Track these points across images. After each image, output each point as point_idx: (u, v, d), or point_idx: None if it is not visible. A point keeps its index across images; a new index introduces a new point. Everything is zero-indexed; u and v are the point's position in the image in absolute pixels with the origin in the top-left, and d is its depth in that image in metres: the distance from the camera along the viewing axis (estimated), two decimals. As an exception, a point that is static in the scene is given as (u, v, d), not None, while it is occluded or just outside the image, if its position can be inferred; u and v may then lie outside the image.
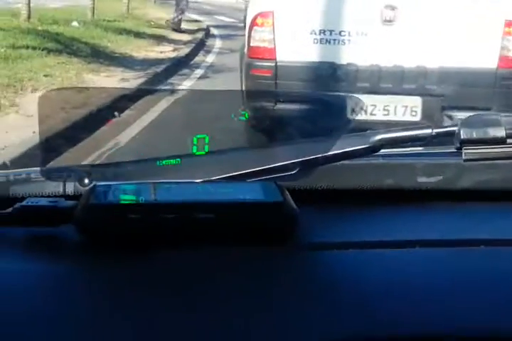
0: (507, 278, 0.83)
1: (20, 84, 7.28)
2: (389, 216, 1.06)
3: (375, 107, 4.49)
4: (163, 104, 3.44)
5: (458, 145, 0.97)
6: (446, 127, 1.01)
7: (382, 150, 1.05)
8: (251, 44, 4.69)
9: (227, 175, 0.98)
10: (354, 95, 3.83)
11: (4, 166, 4.54)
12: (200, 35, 15.57)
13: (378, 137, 1.02)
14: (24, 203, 0.93)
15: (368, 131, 1.03)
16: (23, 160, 4.82)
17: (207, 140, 0.96)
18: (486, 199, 1.11)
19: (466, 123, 0.98)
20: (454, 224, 1.01)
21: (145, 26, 15.62)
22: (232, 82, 9.01)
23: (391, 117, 4.42)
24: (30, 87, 7.28)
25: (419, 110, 4.51)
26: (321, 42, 4.61)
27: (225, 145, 0.99)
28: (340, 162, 1.04)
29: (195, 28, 17.39)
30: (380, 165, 1.16)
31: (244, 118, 0.97)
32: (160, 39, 14.09)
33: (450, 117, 4.44)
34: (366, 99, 4.40)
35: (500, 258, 0.90)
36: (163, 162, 0.98)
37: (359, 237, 0.95)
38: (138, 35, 13.81)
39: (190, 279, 0.81)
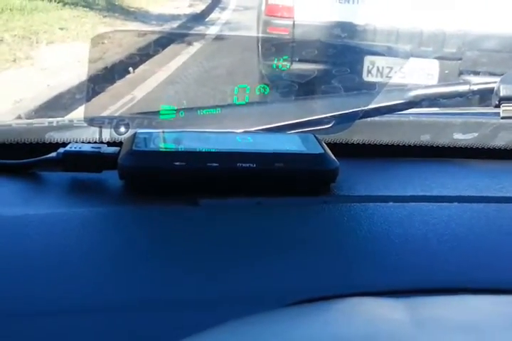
0: None
1: (35, 37, 7.25)
2: (426, 171, 1.05)
3: (391, 69, 4.34)
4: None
5: (496, 102, 0.98)
6: (485, 83, 1.01)
7: (419, 109, 1.05)
8: (269, 1, 4.65)
9: (266, 126, 0.99)
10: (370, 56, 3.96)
11: (19, 119, 4.56)
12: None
13: (416, 92, 1.02)
14: (67, 148, 0.93)
15: (406, 87, 1.04)
16: (38, 112, 4.83)
17: (248, 90, 0.96)
18: None
19: (505, 79, 0.98)
20: (491, 182, 1.00)
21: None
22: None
23: (407, 80, 4.08)
24: (45, 40, 7.25)
25: (435, 73, 4.47)
26: (339, 2, 4.55)
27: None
28: (378, 117, 1.04)
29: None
30: (417, 122, 1.16)
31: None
32: (176, -6, 13.94)
33: (468, 83, 4.17)
34: (382, 61, 4.19)
35: None
36: (204, 111, 0.98)
37: (396, 191, 0.95)
38: (154, -11, 13.67)
39: (231, 227, 0.82)
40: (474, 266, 0.76)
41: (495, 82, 0.99)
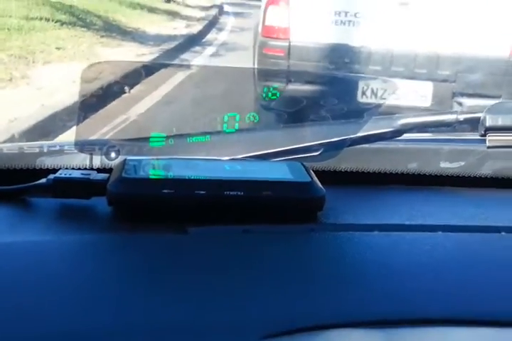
0: None
1: (32, 56, 7.28)
2: (412, 199, 1.06)
3: (385, 91, 4.31)
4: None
5: (482, 131, 0.98)
6: (471, 113, 1.02)
7: (407, 135, 1.06)
8: (265, 23, 4.66)
9: (254, 153, 1.00)
10: (365, 77, 4.23)
11: (13, 139, 4.56)
12: (213, 12, 15.49)
13: (404, 121, 1.03)
14: (57, 174, 0.94)
15: (394, 115, 1.04)
16: (32, 132, 4.83)
17: (238, 118, 0.98)
18: (508, 187, 1.12)
19: (491, 110, 0.99)
20: (477, 211, 1.01)
21: (158, 1, 15.56)
22: (244, 60, 9.00)
23: (401, 102, 4.30)
24: (42, 60, 7.27)
25: (429, 95, 4.53)
26: (335, 24, 4.57)
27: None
28: (366, 145, 1.05)
29: (209, 4, 17.30)
30: (405, 149, 1.17)
31: (275, 97, 0.98)
32: (173, 15, 14.04)
33: (460, 104, 4.46)
34: (377, 83, 4.29)
35: None
36: (193, 139, 0.99)
37: (383, 220, 0.96)
38: (151, 10, 13.76)
39: (218, 255, 0.82)
40: (457, 297, 0.76)
41: (481, 112, 1.00)
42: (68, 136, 4.54)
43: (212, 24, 13.40)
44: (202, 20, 13.49)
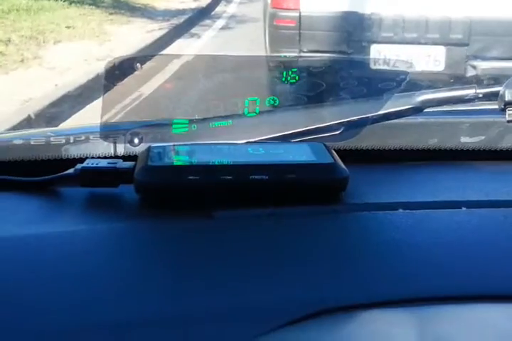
0: None
1: (42, 36, 7.28)
2: (434, 175, 1.06)
3: (398, 57, 4.40)
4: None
5: (502, 106, 0.98)
6: (490, 87, 1.02)
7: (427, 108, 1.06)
8: None
9: (276, 134, 1.01)
10: (377, 44, 4.38)
11: (29, 120, 4.59)
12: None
13: (422, 97, 1.04)
14: (85, 164, 0.95)
15: (413, 92, 1.05)
16: (46, 112, 4.85)
17: (258, 102, 0.98)
18: None
19: (510, 84, 0.98)
20: (498, 185, 1.01)
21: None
22: (254, 33, 8.95)
23: (414, 68, 3.83)
24: (53, 39, 7.28)
25: (442, 60, 4.50)
26: None
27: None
28: (384, 122, 1.05)
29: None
30: (424, 124, 1.17)
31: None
32: (181, -12, 13.94)
33: (474, 67, 4.46)
34: (390, 49, 4.44)
35: None
36: (215, 124, 1.00)
37: (406, 197, 0.96)
38: (159, -16, 13.67)
39: (245, 239, 0.83)
40: (484, 274, 0.76)
41: (500, 86, 0.99)
42: (87, 119, 4.56)
43: (220, -4, 13.31)
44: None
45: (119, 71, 0.99)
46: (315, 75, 1.03)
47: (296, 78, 0.99)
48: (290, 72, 0.99)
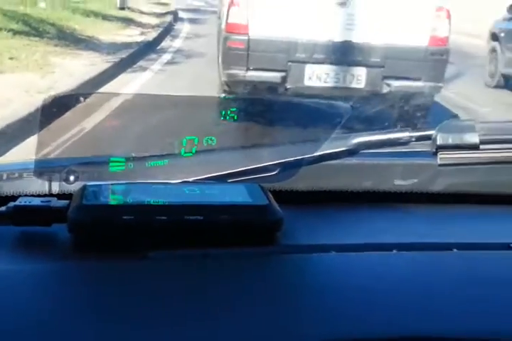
0: (479, 282, 0.85)
1: (-16, 67, 7.20)
2: (368, 217, 1.08)
3: (328, 75, 5.63)
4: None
5: (434, 150, 1.01)
6: (423, 131, 1.04)
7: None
8: (228, 21, 5.69)
9: (212, 174, 1.01)
10: (311, 65, 5.50)
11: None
12: (168, 18, 15.46)
13: (356, 140, 1.05)
14: (17, 202, 0.93)
15: (347, 134, 1.07)
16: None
17: (196, 141, 0.99)
18: (459, 202, 1.14)
19: (442, 128, 1.01)
20: (429, 227, 1.04)
21: (112, 8, 15.47)
22: (199, 68, 9.00)
23: (340, 84, 5.61)
24: (-5, 70, 7.20)
25: (363, 78, 5.64)
26: (285, 21, 5.59)
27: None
28: (320, 163, 1.07)
29: (164, 11, 17.26)
30: (359, 166, 1.18)
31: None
32: (128, 22, 13.98)
33: (388, 85, 5.64)
34: (321, 69, 5.61)
35: (473, 261, 0.93)
36: (152, 163, 1.00)
37: (339, 239, 0.97)
38: (105, 17, 13.69)
39: (179, 280, 0.83)
40: (412, 316, 0.77)
41: (433, 130, 1.02)
42: (25, 152, 4.49)
43: (167, 31, 13.37)
44: (157, 27, 13.45)
45: (57, 108, 0.98)
46: (253, 116, 1.04)
47: (235, 118, 1.00)
48: (229, 112, 0.99)
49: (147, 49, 10.52)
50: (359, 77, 5.63)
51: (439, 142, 1.00)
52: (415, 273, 0.88)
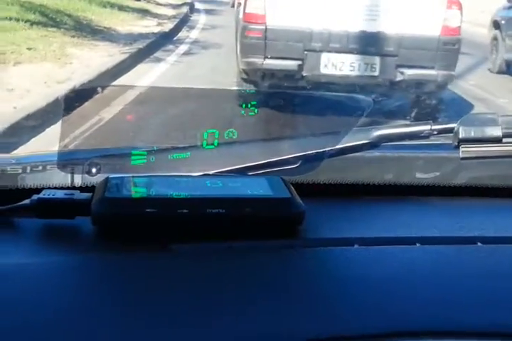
0: (503, 276, 0.85)
1: (2, 57, 7.22)
2: (389, 210, 1.08)
3: (343, 64, 5.77)
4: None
5: (456, 143, 1.00)
6: (445, 124, 1.04)
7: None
8: (246, 11, 5.86)
9: (234, 167, 1.01)
10: (327, 53, 5.71)
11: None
12: (184, 9, 15.45)
13: (378, 133, 1.05)
14: (41, 195, 0.94)
15: (369, 127, 1.07)
16: (3, 134, 4.79)
17: (217, 135, 0.98)
18: (482, 196, 1.14)
19: (464, 121, 1.00)
20: (452, 221, 1.03)
21: (128, 0, 15.48)
22: (216, 58, 9.00)
23: (355, 72, 5.78)
24: (13, 60, 7.21)
25: (377, 67, 5.79)
26: (301, 11, 5.75)
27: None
28: (341, 156, 1.07)
29: (180, 2, 17.25)
30: (381, 159, 1.18)
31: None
32: (144, 13, 13.98)
33: (402, 73, 5.79)
34: (336, 57, 5.76)
35: (497, 255, 0.92)
36: (174, 156, 1.00)
37: (361, 233, 0.97)
38: (122, 8, 13.70)
39: (202, 273, 0.83)
40: (437, 310, 0.77)
41: (455, 123, 1.01)
42: (45, 143, 4.51)
43: (183, 22, 13.36)
44: (173, 18, 13.45)
45: (79, 100, 0.99)
46: (274, 109, 1.03)
47: (255, 111, 0.99)
48: (249, 105, 0.99)
49: (164, 40, 10.52)
50: (373, 66, 5.77)
51: (461, 135, 0.99)
52: (439, 267, 0.88)
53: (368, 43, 5.72)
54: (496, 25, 9.40)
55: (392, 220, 1.03)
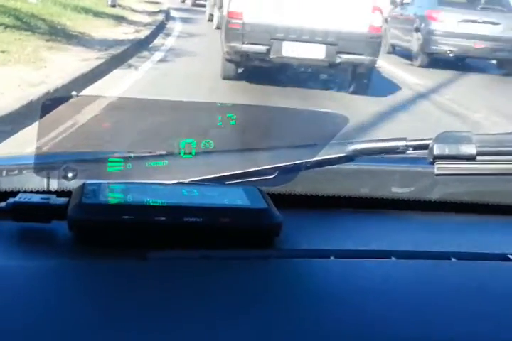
0: (476, 291, 0.87)
1: (-25, 60, 7.14)
2: (365, 223, 1.09)
3: (299, 49, 8.13)
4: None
5: (431, 159, 1.01)
6: (420, 140, 1.04)
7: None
8: (229, 10, 8.27)
9: (210, 176, 1.01)
10: (287, 42, 8.08)
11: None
12: (160, 17, 15.44)
13: (354, 147, 1.06)
14: (17, 199, 0.94)
15: (346, 141, 1.07)
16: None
17: (194, 144, 0.98)
18: (457, 211, 1.16)
19: (439, 138, 1.01)
20: (427, 235, 1.05)
21: (104, 6, 15.42)
22: (191, 66, 8.99)
23: (308, 56, 8.16)
24: (-14, 63, 7.13)
25: (323, 52, 8.13)
26: (269, 11, 8.03)
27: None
28: (318, 168, 1.08)
29: (156, 9, 17.25)
30: (357, 171, 1.19)
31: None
32: (119, 19, 13.94)
33: (340, 57, 8.17)
34: (294, 44, 8.11)
35: (471, 271, 0.94)
36: (151, 163, 1.00)
37: (337, 245, 0.98)
38: (97, 14, 13.65)
39: (177, 281, 0.83)
40: (410, 324, 0.77)
41: (430, 139, 1.02)
42: (16, 144, 4.46)
43: (159, 29, 13.35)
44: (149, 25, 13.43)
45: (55, 106, 0.98)
46: (251, 121, 1.05)
47: (232, 123, 1.00)
48: (226, 117, 0.99)
49: (139, 46, 10.49)
50: (320, 51, 8.12)
51: (436, 152, 1.00)
52: (413, 281, 0.89)
53: (317, 35, 8.03)
54: (386, 21, 12.71)
55: (368, 233, 1.04)
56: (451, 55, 12.08)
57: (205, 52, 10.27)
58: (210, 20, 15.43)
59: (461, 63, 12.26)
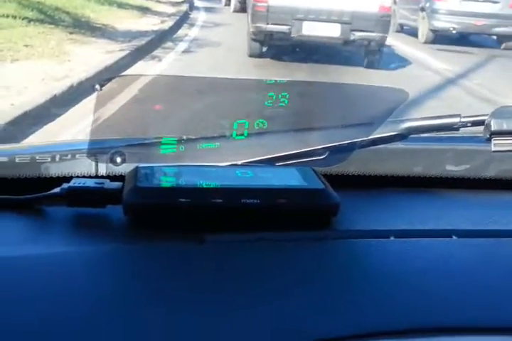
0: None
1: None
2: (420, 202, 1.08)
3: (317, 28, 9.02)
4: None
5: (488, 135, 0.99)
6: (475, 116, 1.02)
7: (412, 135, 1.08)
8: None
9: (262, 157, 1.01)
10: (307, 21, 9.00)
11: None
12: (184, 7, 15.40)
13: (407, 125, 1.05)
14: (72, 184, 0.93)
15: (398, 119, 1.06)
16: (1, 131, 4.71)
17: (247, 125, 0.98)
18: None
19: (496, 114, 0.99)
20: (485, 213, 1.02)
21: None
22: (215, 57, 8.94)
23: (325, 34, 9.07)
24: (10, 57, 7.14)
25: (339, 30, 9.01)
26: None
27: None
28: (370, 147, 1.06)
29: (180, 0, 17.20)
30: (410, 151, 1.18)
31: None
32: (143, 10, 13.92)
33: (354, 34, 9.01)
34: (313, 24, 9.00)
35: None
36: (203, 145, 0.99)
37: (396, 225, 0.96)
38: (121, 5, 13.64)
39: (235, 264, 0.82)
40: (476, 304, 0.76)
41: (485, 115, 1.00)
42: (44, 138, 4.45)
43: (183, 19, 13.30)
44: (173, 15, 13.39)
45: (111, 90, 0.96)
46: (304, 100, 1.03)
47: (286, 102, 0.98)
48: (280, 96, 0.97)
49: (163, 37, 10.45)
50: (336, 30, 9.01)
51: (493, 128, 0.98)
52: (477, 261, 0.87)
53: (333, 15, 8.91)
54: (394, 2, 13.07)
55: (424, 213, 1.01)
56: (453, 31, 13.03)
57: (230, 42, 10.21)
58: (227, 5, 17.57)
59: (465, 40, 13.38)
